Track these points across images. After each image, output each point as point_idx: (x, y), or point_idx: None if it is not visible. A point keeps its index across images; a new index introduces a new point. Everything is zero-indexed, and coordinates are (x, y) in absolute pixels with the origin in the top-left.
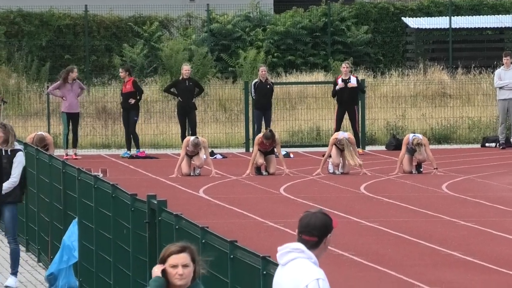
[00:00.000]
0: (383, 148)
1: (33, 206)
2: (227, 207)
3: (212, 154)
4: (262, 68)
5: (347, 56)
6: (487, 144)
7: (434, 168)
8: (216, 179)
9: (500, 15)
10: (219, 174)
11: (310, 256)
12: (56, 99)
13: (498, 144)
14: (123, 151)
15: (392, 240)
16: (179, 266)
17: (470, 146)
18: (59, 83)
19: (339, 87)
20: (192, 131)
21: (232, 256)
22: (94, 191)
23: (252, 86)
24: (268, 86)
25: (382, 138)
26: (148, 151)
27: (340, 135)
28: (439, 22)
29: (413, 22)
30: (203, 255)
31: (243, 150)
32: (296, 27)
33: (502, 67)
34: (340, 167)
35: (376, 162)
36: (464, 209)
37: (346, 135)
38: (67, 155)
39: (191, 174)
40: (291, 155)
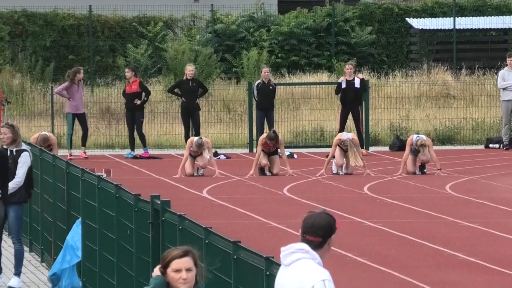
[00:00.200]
0: (386, 149)
1: (36, 206)
2: (231, 208)
3: (215, 154)
4: (265, 69)
5: (351, 57)
6: (490, 145)
7: (438, 169)
8: (220, 179)
9: (504, 16)
10: (223, 175)
11: (314, 257)
12: (60, 100)
13: (501, 145)
14: (127, 152)
15: (395, 241)
16: (183, 270)
17: (474, 147)
18: (67, 84)
19: (341, 80)
20: (196, 131)
21: (235, 256)
22: (98, 191)
23: (255, 87)
24: (270, 87)
25: (385, 139)
26: (152, 152)
27: (343, 136)
28: (443, 23)
29: (417, 23)
30: (207, 260)
31: (247, 151)
32: (300, 27)
33: (506, 68)
34: (343, 167)
35: (379, 163)
36: (468, 210)
37: (350, 135)
38: (70, 155)
39: (195, 174)
40: (295, 156)
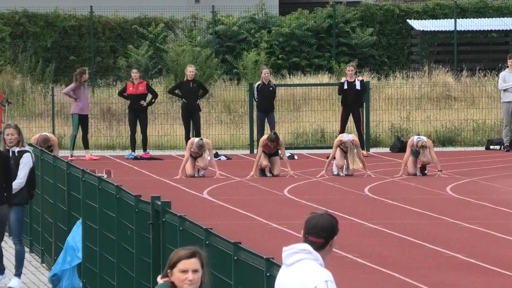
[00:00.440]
0: (387, 150)
1: (37, 207)
2: (231, 209)
3: (216, 155)
4: (265, 71)
5: (352, 58)
6: (491, 147)
7: (439, 170)
8: (220, 180)
9: (505, 18)
10: (223, 176)
11: (317, 258)
12: (61, 100)
13: (502, 146)
14: (127, 152)
15: (396, 242)
16: (189, 271)
17: (475, 148)
18: (75, 85)
19: (343, 80)
20: (197, 132)
21: (236, 257)
22: (98, 192)
23: (255, 88)
24: (271, 89)
25: (386, 140)
26: (153, 153)
27: (344, 137)
28: (444, 25)
29: (418, 25)
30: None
31: (248, 152)
32: (301, 29)
33: (506, 70)
34: (344, 169)
35: (380, 164)
36: (468, 211)
37: (351, 137)
38: (72, 156)
39: (195, 175)
40: (296, 157)
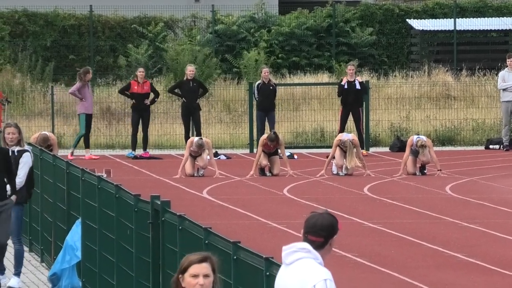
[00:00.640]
0: (387, 149)
1: (36, 206)
2: (231, 208)
3: (216, 154)
4: (265, 70)
5: (352, 58)
6: (491, 146)
7: (438, 170)
8: (220, 180)
9: (504, 17)
10: (223, 175)
11: (316, 257)
12: (60, 99)
13: (502, 146)
14: (127, 152)
15: (395, 241)
16: (200, 276)
17: (474, 148)
18: (80, 84)
19: (343, 82)
20: (197, 131)
21: (235, 257)
22: (98, 191)
23: (255, 87)
24: (271, 88)
25: (386, 140)
26: (152, 152)
27: (344, 136)
28: (444, 24)
29: (417, 24)
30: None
31: (247, 151)
32: (300, 28)
33: (506, 69)
34: (343, 168)
35: (380, 164)
36: (468, 211)
37: (350, 136)
38: (72, 154)
39: (195, 174)
40: (295, 156)
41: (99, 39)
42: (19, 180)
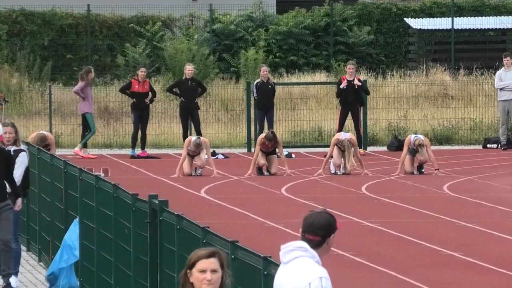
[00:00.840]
0: (384, 148)
1: (34, 206)
2: (229, 207)
3: (213, 154)
4: (264, 68)
5: (349, 57)
6: (488, 145)
7: (436, 169)
8: (218, 179)
9: (502, 16)
10: (221, 174)
11: (313, 255)
12: (58, 99)
13: (499, 145)
14: (125, 151)
15: (393, 240)
16: (208, 271)
17: (472, 147)
18: (84, 83)
19: (343, 85)
20: (197, 130)
21: (233, 256)
22: (96, 190)
23: (254, 86)
24: (270, 86)
25: (383, 139)
26: (150, 151)
27: (341, 135)
28: (442, 23)
29: (415, 23)
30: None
31: (245, 150)
32: (298, 27)
33: (503, 68)
34: (341, 167)
35: (377, 163)
36: (465, 210)
37: (348, 136)
38: (82, 151)
39: (193, 174)
40: (293, 156)
41: (96, 38)
42: (15, 180)
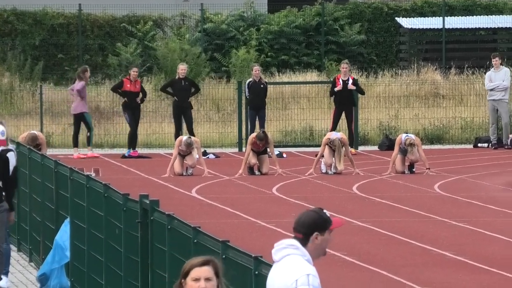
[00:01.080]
0: (375, 148)
1: (25, 206)
2: (220, 207)
3: (204, 153)
4: (256, 68)
5: (341, 56)
6: (479, 145)
7: (427, 168)
8: (209, 179)
9: (493, 16)
10: (212, 174)
11: (304, 253)
12: (49, 98)
13: (490, 144)
14: (116, 151)
15: (384, 240)
16: (201, 279)
17: (463, 146)
18: (84, 82)
19: (337, 89)
20: (189, 130)
21: (224, 256)
22: (86, 190)
23: (246, 85)
24: (262, 86)
25: (375, 138)
26: (141, 151)
27: (332, 135)
28: (433, 23)
29: (406, 22)
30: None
31: (236, 150)
32: (289, 26)
33: (492, 69)
34: (332, 167)
35: (368, 162)
36: (456, 209)
37: (339, 135)
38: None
39: (184, 174)
40: (284, 155)
41: (88, 38)
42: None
